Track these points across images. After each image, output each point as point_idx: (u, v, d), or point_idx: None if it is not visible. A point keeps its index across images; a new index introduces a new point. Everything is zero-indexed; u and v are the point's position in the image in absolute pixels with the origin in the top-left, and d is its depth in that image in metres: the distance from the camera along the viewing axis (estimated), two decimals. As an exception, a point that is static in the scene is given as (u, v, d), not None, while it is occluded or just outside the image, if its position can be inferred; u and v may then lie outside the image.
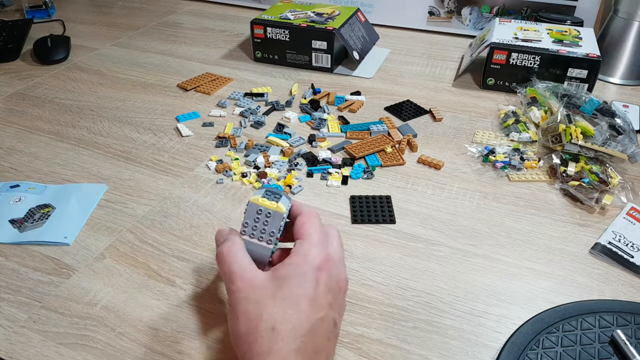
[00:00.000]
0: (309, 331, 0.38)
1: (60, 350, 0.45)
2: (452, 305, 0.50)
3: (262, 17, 0.95)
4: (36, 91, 0.89)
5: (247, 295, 0.39)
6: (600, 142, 0.66)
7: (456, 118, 0.81)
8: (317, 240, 0.42)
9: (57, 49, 0.99)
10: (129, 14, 1.25)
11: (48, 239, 0.57)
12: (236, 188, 0.65)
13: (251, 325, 0.38)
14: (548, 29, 0.92)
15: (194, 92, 0.88)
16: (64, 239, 0.57)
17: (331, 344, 0.40)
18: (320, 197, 0.64)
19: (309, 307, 0.38)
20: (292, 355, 0.36)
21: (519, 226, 0.60)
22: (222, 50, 1.04)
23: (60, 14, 1.23)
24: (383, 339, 0.47)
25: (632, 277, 0.53)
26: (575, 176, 0.64)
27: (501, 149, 0.72)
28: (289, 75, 0.94)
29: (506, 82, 0.87)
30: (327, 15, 0.96)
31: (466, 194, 0.65)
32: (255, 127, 0.77)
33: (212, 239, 0.58)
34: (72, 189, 0.64)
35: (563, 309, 0.48)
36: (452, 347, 0.46)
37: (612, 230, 0.58)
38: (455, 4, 1.09)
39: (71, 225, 0.59)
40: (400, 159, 0.70)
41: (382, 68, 0.97)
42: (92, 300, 0.50)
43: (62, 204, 0.62)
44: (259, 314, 0.38)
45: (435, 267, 0.54)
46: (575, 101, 0.73)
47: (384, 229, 0.59)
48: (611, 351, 0.45)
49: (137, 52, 1.04)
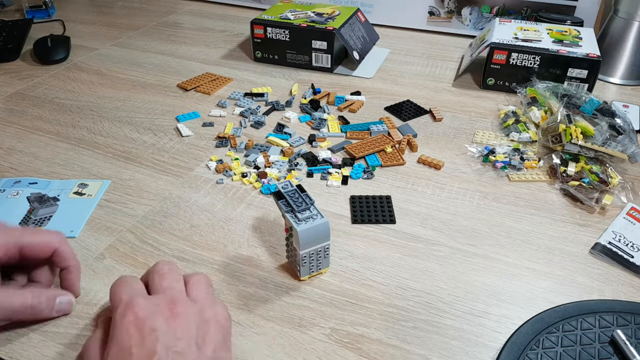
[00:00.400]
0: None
1: (60, 350, 0.45)
2: (452, 305, 0.50)
3: (262, 17, 0.95)
4: (36, 91, 0.89)
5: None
6: (600, 142, 0.66)
7: (456, 118, 0.81)
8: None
9: (57, 49, 0.99)
10: (129, 14, 1.25)
11: None
12: (236, 188, 0.65)
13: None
14: (548, 29, 0.92)
15: (194, 92, 0.88)
16: (70, 232, 0.58)
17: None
18: (320, 197, 0.64)
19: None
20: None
21: (519, 226, 0.60)
22: (222, 50, 1.04)
23: (60, 14, 1.23)
24: (383, 339, 0.47)
25: (632, 277, 0.53)
26: (575, 176, 0.64)
27: (501, 149, 0.72)
28: (289, 75, 0.94)
29: (506, 82, 0.87)
30: (327, 15, 0.96)
31: (466, 194, 0.65)
32: (255, 127, 0.77)
33: (212, 239, 0.58)
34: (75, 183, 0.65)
35: (563, 309, 0.48)
36: (452, 347, 0.46)
37: (612, 230, 0.58)
38: (455, 4, 1.09)
39: (76, 219, 0.60)
40: (400, 159, 0.70)
41: (382, 68, 0.97)
42: (92, 300, 0.50)
43: (65, 198, 0.63)
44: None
45: (435, 267, 0.54)
46: (575, 101, 0.73)
47: (384, 229, 0.59)
48: (611, 351, 0.45)
49: (137, 52, 1.04)
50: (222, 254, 0.56)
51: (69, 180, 0.66)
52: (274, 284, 0.52)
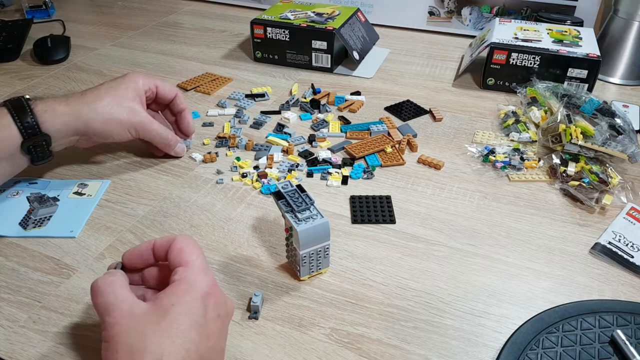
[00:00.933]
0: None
1: (60, 350, 0.45)
2: (452, 305, 0.50)
3: (262, 17, 0.95)
4: (36, 91, 0.89)
5: (127, 327, 0.36)
6: (600, 142, 0.66)
7: (456, 118, 0.81)
8: (200, 267, 0.40)
9: (57, 49, 0.99)
10: (129, 14, 1.25)
11: (55, 233, 0.58)
12: (236, 188, 0.65)
13: (134, 358, 0.34)
14: (548, 29, 0.92)
15: (194, 92, 0.88)
16: (70, 232, 0.58)
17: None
18: (320, 197, 0.64)
19: (199, 335, 0.36)
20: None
21: (519, 226, 0.60)
22: (222, 50, 1.04)
23: (60, 14, 1.23)
24: (383, 339, 0.47)
25: (632, 277, 0.53)
26: (575, 176, 0.64)
27: (501, 149, 0.72)
28: (289, 75, 0.94)
29: (506, 82, 0.87)
30: (327, 15, 0.96)
31: (466, 194, 0.65)
32: (256, 128, 0.77)
33: (212, 239, 0.58)
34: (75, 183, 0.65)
35: (563, 309, 0.48)
36: (452, 347, 0.46)
37: (612, 230, 0.58)
38: (455, 4, 1.09)
39: (76, 219, 0.60)
40: (400, 159, 0.70)
41: (382, 68, 0.97)
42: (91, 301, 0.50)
43: (65, 198, 0.63)
44: (143, 346, 0.34)
45: (435, 267, 0.54)
46: (575, 101, 0.73)
47: (384, 229, 0.59)
48: (611, 351, 0.45)
49: (137, 52, 1.04)
50: (222, 254, 0.55)
51: (69, 180, 0.66)
52: (274, 284, 0.52)
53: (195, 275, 0.39)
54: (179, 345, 0.35)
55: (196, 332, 0.36)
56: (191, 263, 0.40)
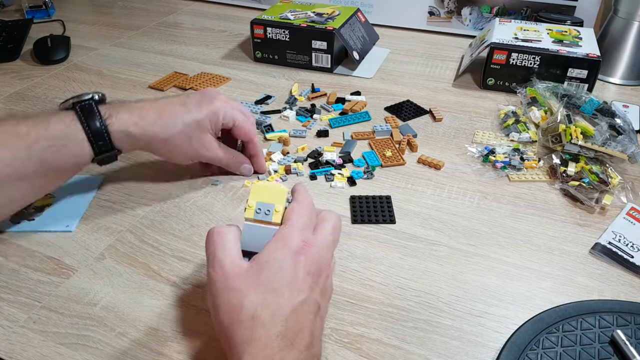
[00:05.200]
0: (290, 315, 0.38)
1: (60, 350, 0.45)
2: (452, 305, 0.50)
3: (262, 17, 0.95)
4: (36, 91, 0.89)
5: (226, 284, 0.39)
6: (600, 142, 0.66)
7: (456, 118, 0.81)
8: (300, 225, 0.42)
9: (57, 49, 0.99)
10: (129, 14, 1.25)
11: (50, 227, 0.58)
12: (236, 188, 0.65)
13: (233, 315, 0.38)
14: (548, 29, 0.92)
15: (192, 92, 0.88)
16: (66, 227, 0.58)
17: (316, 325, 0.39)
18: (320, 197, 0.64)
19: (289, 291, 0.38)
20: (274, 340, 0.36)
21: (519, 226, 0.60)
22: (222, 50, 1.04)
23: (60, 14, 1.23)
24: (383, 339, 0.47)
25: (632, 277, 0.53)
26: (575, 176, 0.64)
27: (501, 149, 0.72)
28: (289, 75, 0.94)
29: (506, 82, 0.87)
30: (327, 15, 0.96)
31: (466, 194, 0.65)
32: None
33: (212, 239, 0.58)
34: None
35: (563, 309, 0.48)
36: (452, 347, 0.46)
37: (612, 230, 0.58)
38: (455, 4, 1.09)
39: (72, 214, 0.60)
40: (401, 159, 0.70)
41: (382, 68, 0.97)
42: (92, 301, 0.50)
43: (61, 194, 0.63)
44: (240, 303, 0.38)
45: (435, 267, 0.54)
46: (575, 101, 0.73)
47: (384, 229, 0.59)
48: (611, 351, 0.45)
49: (137, 52, 1.04)
50: (222, 254, 0.55)
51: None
52: (274, 284, 0.52)
53: (290, 233, 0.41)
54: (269, 301, 0.38)
55: (286, 288, 0.38)
56: (291, 222, 0.42)
